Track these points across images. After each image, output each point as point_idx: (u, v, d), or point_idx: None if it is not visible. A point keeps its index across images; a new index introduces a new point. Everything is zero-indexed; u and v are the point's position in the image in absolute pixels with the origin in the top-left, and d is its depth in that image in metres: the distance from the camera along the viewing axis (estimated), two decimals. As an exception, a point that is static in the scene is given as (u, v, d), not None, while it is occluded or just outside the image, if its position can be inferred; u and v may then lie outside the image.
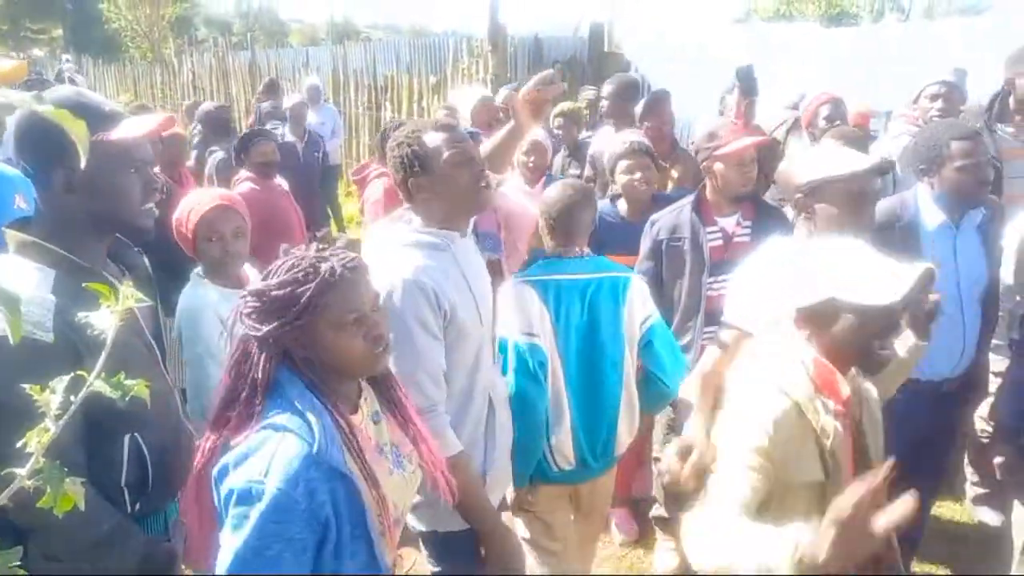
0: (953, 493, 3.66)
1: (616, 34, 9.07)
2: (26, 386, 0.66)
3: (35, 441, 0.60)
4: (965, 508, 3.63)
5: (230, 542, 1.25)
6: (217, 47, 15.08)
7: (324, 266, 1.33)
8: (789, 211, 2.95)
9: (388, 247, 1.95)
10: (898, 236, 2.58)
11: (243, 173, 4.26)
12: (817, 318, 1.59)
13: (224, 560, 1.25)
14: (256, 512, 1.23)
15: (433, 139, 1.93)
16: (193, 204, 2.45)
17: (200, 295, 2.34)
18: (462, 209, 1.98)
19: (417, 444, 1.55)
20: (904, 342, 1.91)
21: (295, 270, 1.33)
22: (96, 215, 1.51)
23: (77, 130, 0.60)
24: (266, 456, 1.27)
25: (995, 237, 2.74)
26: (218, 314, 2.22)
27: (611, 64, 8.31)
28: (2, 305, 0.53)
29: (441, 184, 1.92)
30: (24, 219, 1.59)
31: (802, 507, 1.53)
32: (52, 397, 0.61)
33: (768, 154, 3.35)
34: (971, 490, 3.63)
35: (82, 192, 1.47)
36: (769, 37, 8.70)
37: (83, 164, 0.71)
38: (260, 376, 1.34)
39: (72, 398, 0.63)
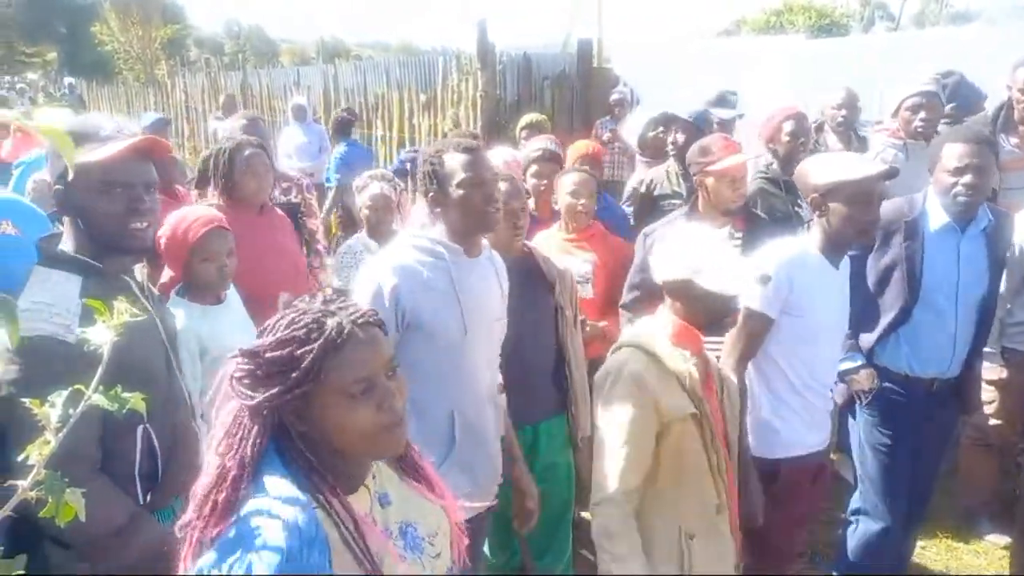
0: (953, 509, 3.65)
1: (605, 49, 9.15)
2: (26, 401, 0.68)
3: (36, 453, 0.63)
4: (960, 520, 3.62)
5: None
6: (209, 68, 15.15)
7: (330, 322, 1.13)
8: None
9: (395, 244, 2.18)
10: (904, 233, 2.64)
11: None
12: (676, 291, 1.93)
13: None
14: None
15: (452, 160, 2.09)
16: (187, 225, 2.42)
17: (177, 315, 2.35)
18: (470, 227, 2.12)
19: (448, 514, 1.36)
20: None
21: (295, 326, 1.13)
22: (87, 233, 1.57)
23: (63, 146, 0.62)
24: (238, 566, 1.06)
25: (999, 243, 2.77)
26: (197, 333, 2.25)
27: (600, 79, 8.38)
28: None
29: (453, 202, 2.09)
30: (55, 234, 1.70)
31: (689, 441, 1.89)
32: (51, 411, 0.63)
33: None
34: (966, 502, 3.62)
35: (72, 211, 1.56)
36: (758, 49, 8.77)
37: (70, 177, 0.74)
38: (250, 453, 1.14)
39: (71, 411, 0.65)
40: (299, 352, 1.11)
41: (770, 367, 2.46)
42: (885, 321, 2.71)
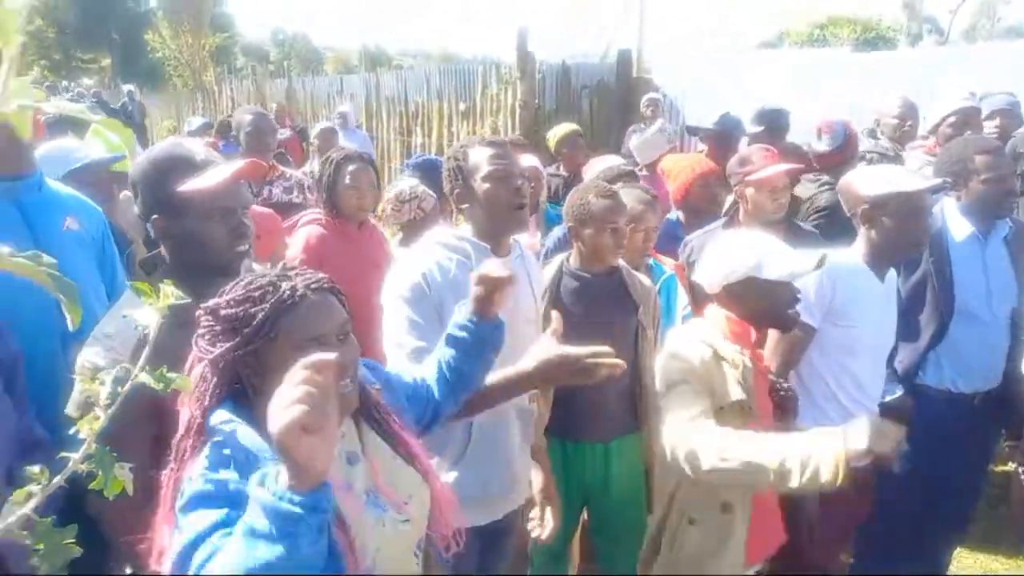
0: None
1: (644, 59, 9.14)
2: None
3: (87, 428, 0.66)
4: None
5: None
6: (255, 75, 15.50)
7: (284, 285, 1.19)
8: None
9: (423, 243, 2.11)
10: (929, 248, 2.62)
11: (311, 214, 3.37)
12: (736, 293, 1.93)
13: None
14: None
15: (477, 154, 2.03)
16: None
17: None
18: (497, 224, 2.03)
19: (428, 479, 1.38)
20: None
21: (251, 287, 1.19)
22: (187, 261, 1.59)
23: (124, 137, 0.66)
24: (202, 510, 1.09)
25: (1021, 251, 2.76)
26: None
27: (640, 89, 8.36)
28: (61, 293, 0.58)
29: (478, 198, 2.01)
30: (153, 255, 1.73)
31: (736, 424, 1.84)
32: (101, 388, 0.66)
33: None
34: (1020, 531, 3.51)
35: (176, 239, 1.57)
36: (800, 62, 8.66)
37: (129, 167, 0.76)
38: (208, 404, 1.20)
39: (120, 389, 0.69)
40: (253, 310, 1.16)
41: (814, 379, 2.44)
42: (924, 339, 2.68)
